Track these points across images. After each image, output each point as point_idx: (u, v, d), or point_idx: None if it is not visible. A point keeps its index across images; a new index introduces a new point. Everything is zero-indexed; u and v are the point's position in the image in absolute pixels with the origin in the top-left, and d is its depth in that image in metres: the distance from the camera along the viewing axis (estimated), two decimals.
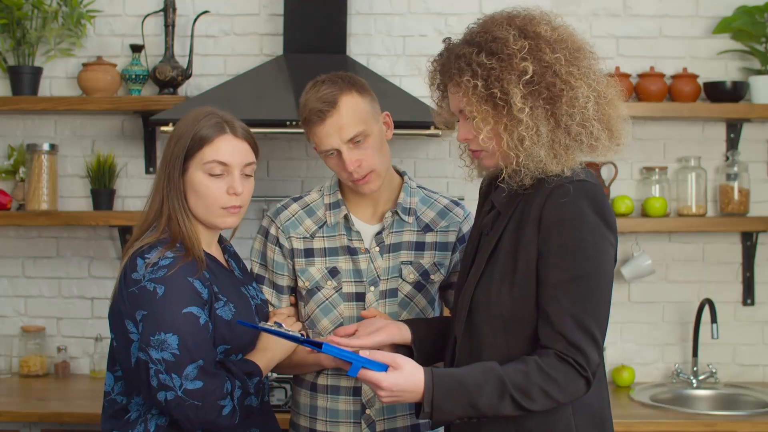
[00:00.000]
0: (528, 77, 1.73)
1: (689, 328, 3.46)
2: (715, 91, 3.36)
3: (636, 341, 3.49)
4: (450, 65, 1.81)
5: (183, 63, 3.42)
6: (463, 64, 1.77)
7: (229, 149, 2.04)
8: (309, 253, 2.23)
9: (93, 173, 3.44)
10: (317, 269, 2.22)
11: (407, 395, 1.72)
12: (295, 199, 2.29)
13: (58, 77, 3.51)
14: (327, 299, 2.22)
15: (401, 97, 3.11)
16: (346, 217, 2.23)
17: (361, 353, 1.73)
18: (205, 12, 3.41)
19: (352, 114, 2.09)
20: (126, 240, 2.09)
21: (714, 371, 3.37)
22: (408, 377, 1.72)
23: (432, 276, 2.24)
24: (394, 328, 2.01)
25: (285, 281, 2.26)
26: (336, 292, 2.21)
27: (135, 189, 3.50)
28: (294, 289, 2.28)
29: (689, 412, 3.05)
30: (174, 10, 3.38)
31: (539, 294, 1.76)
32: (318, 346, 1.76)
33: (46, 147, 3.37)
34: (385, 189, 2.23)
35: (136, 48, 3.40)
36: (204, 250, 2.06)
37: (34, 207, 3.35)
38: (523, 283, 1.77)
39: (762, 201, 3.49)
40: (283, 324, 2.10)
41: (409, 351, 2.02)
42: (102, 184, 3.43)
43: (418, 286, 2.23)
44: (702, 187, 3.42)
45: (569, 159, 1.77)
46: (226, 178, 2.04)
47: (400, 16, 3.49)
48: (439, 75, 1.89)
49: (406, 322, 2.07)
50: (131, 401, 2.03)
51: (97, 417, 2.13)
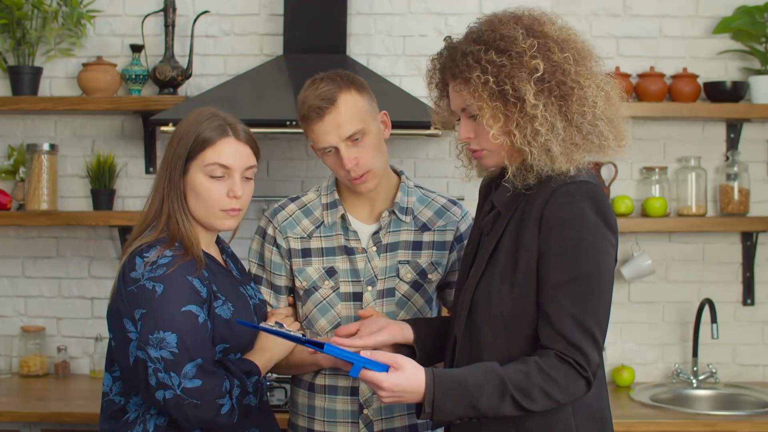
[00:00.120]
0: (539, 75, 1.73)
1: (689, 328, 3.46)
2: (715, 91, 3.36)
3: (636, 341, 3.49)
4: (455, 63, 1.79)
5: (183, 63, 3.41)
6: (472, 61, 1.75)
7: (231, 152, 2.04)
8: (306, 253, 2.22)
9: (93, 173, 3.44)
10: (314, 269, 2.22)
11: (408, 396, 1.72)
12: (293, 200, 2.29)
13: (58, 77, 3.51)
14: (324, 299, 2.22)
15: (401, 97, 3.11)
16: (343, 217, 2.22)
17: (362, 353, 1.73)
18: (205, 12, 3.41)
19: (350, 112, 2.09)
20: (126, 240, 2.09)
21: (714, 371, 3.36)
22: (409, 378, 1.71)
23: (429, 275, 2.23)
24: (395, 327, 2.01)
25: (283, 281, 2.26)
26: (333, 291, 2.21)
27: (135, 189, 3.50)
28: (292, 290, 2.28)
29: (689, 412, 3.05)
30: (174, 10, 3.37)
31: (539, 294, 1.75)
32: (320, 346, 1.75)
33: (46, 147, 3.37)
34: (383, 188, 2.23)
35: (136, 48, 3.40)
36: (203, 249, 2.06)
37: (34, 207, 3.35)
38: (524, 284, 1.77)
39: (762, 201, 3.49)
40: (284, 324, 2.10)
41: (410, 351, 2.02)
42: (102, 184, 3.43)
43: (415, 285, 2.23)
44: (702, 187, 3.42)
45: (579, 157, 1.77)
46: (226, 180, 2.04)
47: (400, 16, 3.49)
48: (439, 73, 1.89)
49: (407, 321, 2.06)
50: (129, 401, 2.03)
51: (98, 417, 2.13)
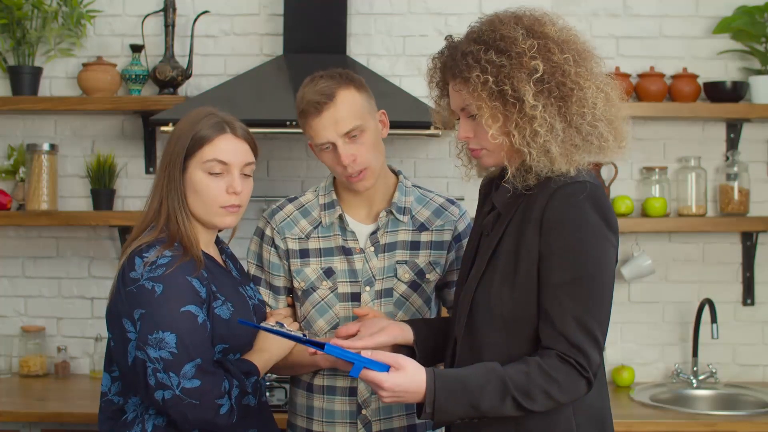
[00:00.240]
0: (538, 75, 1.73)
1: (689, 328, 3.46)
2: (715, 91, 3.36)
3: (636, 341, 3.49)
4: (455, 62, 1.79)
5: (183, 63, 3.41)
6: (471, 60, 1.75)
7: (229, 148, 2.05)
8: (304, 254, 2.22)
9: (93, 173, 3.44)
10: (312, 270, 2.21)
11: (409, 396, 1.72)
12: (291, 200, 2.29)
13: (58, 77, 3.51)
14: (322, 300, 2.21)
15: (401, 97, 3.11)
16: (340, 217, 2.22)
17: (363, 353, 1.72)
18: (205, 12, 3.41)
19: (349, 108, 2.09)
20: (126, 240, 2.09)
21: (714, 371, 3.36)
22: (410, 378, 1.71)
23: (427, 275, 2.23)
24: (396, 328, 2.01)
25: (281, 282, 2.26)
26: (331, 292, 2.21)
27: (135, 189, 3.50)
28: (291, 290, 2.27)
29: (689, 412, 3.05)
30: (174, 10, 3.37)
31: (540, 295, 1.75)
32: (320, 346, 1.75)
33: (46, 147, 3.37)
34: (380, 188, 2.22)
35: (136, 48, 3.40)
36: (202, 249, 2.06)
37: (34, 207, 3.35)
38: (524, 284, 1.76)
39: (762, 201, 3.49)
40: (284, 324, 2.10)
41: (410, 351, 2.02)
42: (102, 184, 3.43)
43: (413, 285, 2.22)
44: (702, 187, 3.42)
45: (578, 158, 1.77)
46: (225, 177, 2.04)
47: (400, 16, 3.49)
48: (440, 72, 1.89)
49: (407, 322, 2.06)
50: (128, 401, 2.03)
51: (97, 417, 2.13)
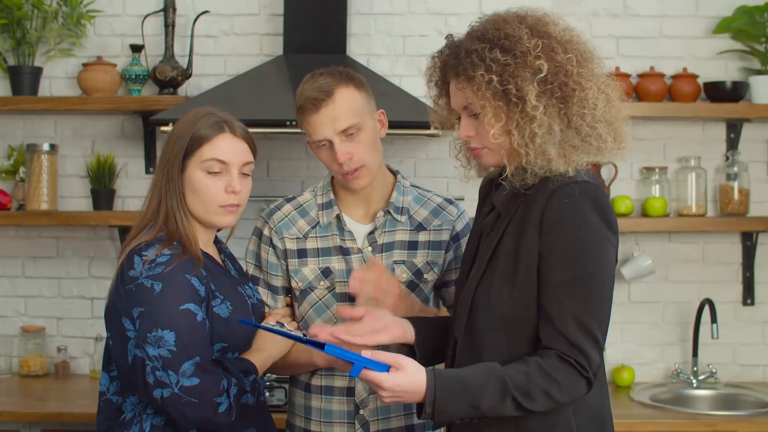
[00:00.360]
0: (542, 75, 1.73)
1: (689, 328, 3.46)
2: (715, 91, 3.36)
3: (636, 341, 3.49)
4: (458, 60, 1.78)
5: (183, 63, 3.41)
6: (476, 59, 1.75)
7: (228, 148, 2.05)
8: (302, 254, 2.22)
9: (93, 173, 3.44)
10: (310, 270, 2.21)
11: (409, 396, 1.72)
12: (289, 200, 2.29)
13: (58, 77, 3.51)
14: (320, 299, 2.21)
15: (401, 97, 3.11)
16: (338, 217, 2.22)
17: (363, 353, 1.72)
18: (205, 12, 3.41)
19: (347, 105, 2.09)
20: (125, 239, 2.09)
21: (714, 371, 3.36)
22: (410, 378, 1.71)
23: (425, 275, 2.23)
24: (398, 328, 1.98)
25: (279, 282, 2.25)
26: (329, 292, 2.21)
27: (135, 189, 3.50)
28: (289, 290, 2.27)
29: (689, 412, 3.05)
30: (174, 10, 3.37)
31: (540, 295, 1.75)
32: (320, 346, 1.75)
33: (46, 147, 3.37)
34: (378, 188, 2.22)
35: (136, 48, 3.40)
36: (201, 248, 2.06)
37: (34, 207, 3.35)
38: (524, 284, 1.76)
39: (762, 201, 3.49)
40: (284, 324, 2.10)
41: (411, 350, 2.02)
42: (102, 184, 3.43)
43: (411, 285, 2.22)
44: (702, 187, 3.42)
45: (576, 159, 1.77)
46: (224, 176, 2.04)
47: (400, 16, 3.49)
48: (440, 71, 1.88)
49: (410, 320, 2.06)
50: (126, 401, 2.03)
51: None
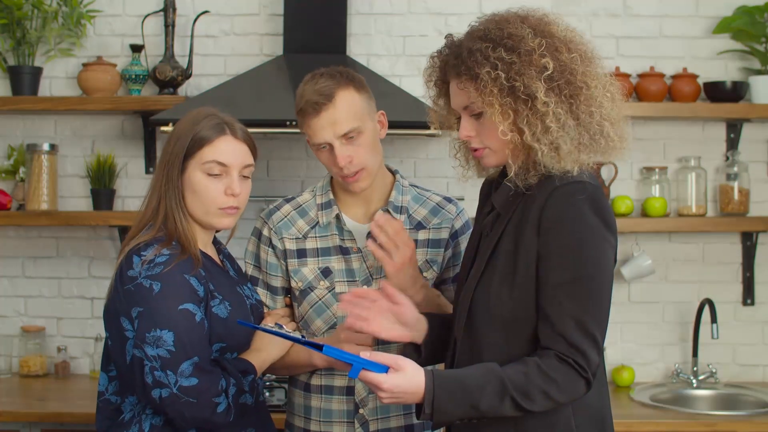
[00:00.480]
0: (549, 73, 1.73)
1: (689, 328, 3.45)
2: (715, 91, 3.36)
3: (636, 341, 3.49)
4: (460, 60, 1.78)
5: (183, 63, 3.41)
6: (480, 57, 1.74)
7: (229, 150, 2.05)
8: (302, 254, 2.22)
9: (93, 173, 3.44)
10: (310, 269, 2.21)
11: (408, 396, 1.72)
12: (288, 200, 2.29)
13: (58, 77, 3.51)
14: (320, 299, 2.21)
15: (401, 97, 3.11)
16: (337, 217, 2.22)
17: (362, 354, 1.72)
18: (205, 12, 3.41)
19: (347, 109, 2.09)
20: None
21: (714, 371, 3.36)
22: (409, 379, 1.71)
23: (425, 273, 2.23)
24: (414, 329, 1.98)
25: (279, 282, 2.25)
26: (329, 292, 2.21)
27: (135, 189, 3.50)
28: (288, 290, 2.27)
29: (689, 412, 3.05)
30: (174, 10, 3.37)
31: (539, 295, 1.75)
32: (319, 347, 1.76)
33: (46, 147, 3.37)
34: (377, 188, 2.22)
35: (136, 48, 3.40)
36: (200, 249, 2.06)
37: (34, 207, 3.35)
38: (523, 284, 1.76)
39: (762, 201, 3.48)
40: (283, 325, 2.10)
41: (416, 347, 2.01)
42: (102, 184, 3.43)
43: None
44: (702, 187, 3.42)
45: (584, 158, 1.77)
46: (224, 178, 2.04)
47: (400, 16, 3.49)
48: (440, 71, 1.88)
49: (426, 316, 2.02)
50: (125, 401, 2.03)
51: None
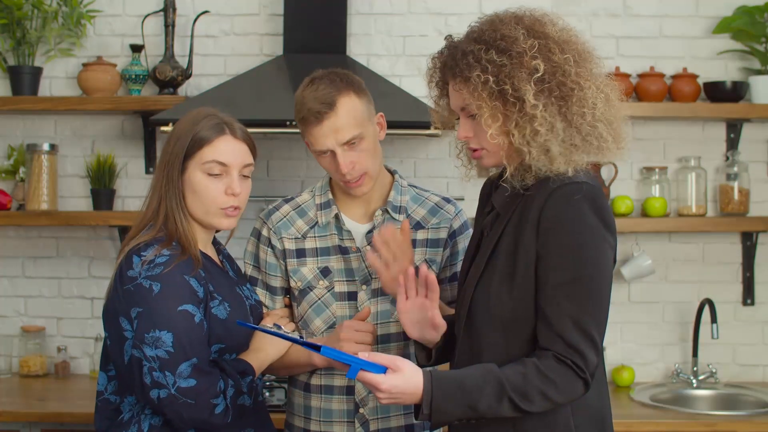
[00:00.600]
0: (539, 75, 1.73)
1: (689, 328, 3.45)
2: (715, 91, 3.36)
3: (636, 341, 3.49)
4: (456, 61, 1.79)
5: (183, 63, 3.41)
6: (472, 60, 1.75)
7: (229, 150, 2.05)
8: (301, 254, 2.22)
9: (93, 173, 3.44)
10: (309, 269, 2.21)
11: (406, 397, 1.72)
12: (287, 200, 2.29)
13: (58, 77, 3.51)
14: (319, 299, 2.21)
15: (401, 97, 3.11)
16: (336, 217, 2.22)
17: (360, 355, 1.73)
18: (205, 12, 3.41)
19: (349, 117, 2.09)
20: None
21: (714, 371, 3.36)
22: (407, 379, 1.71)
23: None
24: (433, 332, 2.00)
25: (278, 282, 2.25)
26: (328, 291, 2.21)
27: (135, 189, 3.50)
28: (288, 290, 2.27)
29: (689, 412, 3.05)
30: (174, 10, 3.37)
31: (538, 295, 1.75)
32: (317, 348, 1.76)
33: (46, 147, 3.37)
34: (376, 188, 2.22)
35: (136, 48, 3.40)
36: (199, 249, 2.06)
37: (34, 207, 3.35)
38: (523, 285, 1.76)
39: (762, 201, 3.48)
40: (282, 326, 2.10)
41: (425, 349, 2.02)
42: (102, 184, 3.43)
43: None
44: (702, 187, 3.42)
45: (577, 159, 1.77)
46: (224, 178, 2.04)
47: (400, 16, 3.49)
48: (440, 72, 1.88)
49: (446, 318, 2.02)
50: (124, 401, 2.03)
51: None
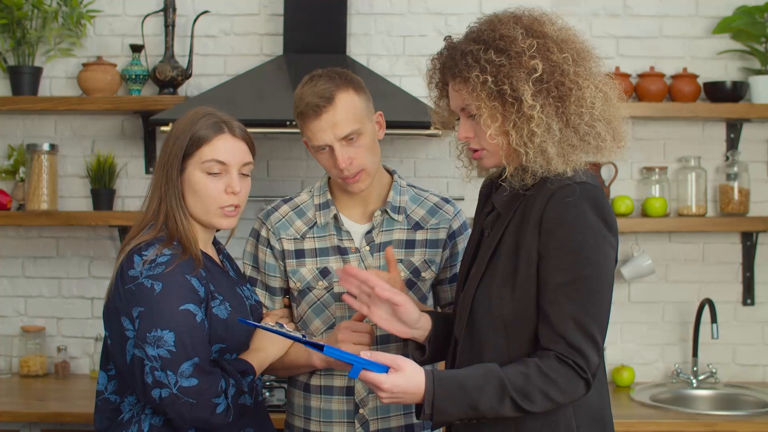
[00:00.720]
0: (537, 75, 1.73)
1: (689, 328, 3.46)
2: (715, 91, 3.36)
3: (636, 341, 3.49)
4: (455, 62, 1.79)
5: (183, 63, 3.41)
6: (471, 60, 1.75)
7: (228, 148, 2.05)
8: (300, 254, 2.22)
9: (93, 173, 3.44)
10: (308, 270, 2.21)
11: (408, 397, 1.72)
12: (286, 201, 2.29)
13: (58, 77, 3.51)
14: (318, 299, 2.22)
15: (401, 97, 3.11)
16: (335, 217, 2.22)
17: (362, 354, 1.73)
18: (205, 12, 3.41)
19: (347, 112, 2.09)
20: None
21: (714, 371, 3.36)
22: (409, 379, 1.71)
23: (423, 273, 2.23)
24: (422, 329, 1.98)
25: (277, 283, 2.26)
26: (327, 292, 2.21)
27: (135, 189, 3.50)
28: (287, 291, 2.27)
29: (689, 412, 3.05)
30: (174, 10, 3.37)
31: (540, 295, 1.75)
32: (320, 347, 1.76)
33: (46, 147, 3.37)
34: (375, 188, 2.22)
35: (136, 48, 3.40)
36: (200, 249, 2.06)
37: (34, 207, 3.35)
38: (524, 285, 1.76)
39: (762, 201, 3.49)
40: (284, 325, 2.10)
41: (418, 345, 2.01)
42: (102, 184, 3.43)
43: (409, 283, 2.22)
44: (702, 187, 3.42)
45: (575, 159, 1.76)
46: (224, 177, 2.04)
47: (400, 16, 3.49)
48: (439, 72, 1.88)
49: (430, 314, 2.02)
50: (124, 400, 2.03)
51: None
